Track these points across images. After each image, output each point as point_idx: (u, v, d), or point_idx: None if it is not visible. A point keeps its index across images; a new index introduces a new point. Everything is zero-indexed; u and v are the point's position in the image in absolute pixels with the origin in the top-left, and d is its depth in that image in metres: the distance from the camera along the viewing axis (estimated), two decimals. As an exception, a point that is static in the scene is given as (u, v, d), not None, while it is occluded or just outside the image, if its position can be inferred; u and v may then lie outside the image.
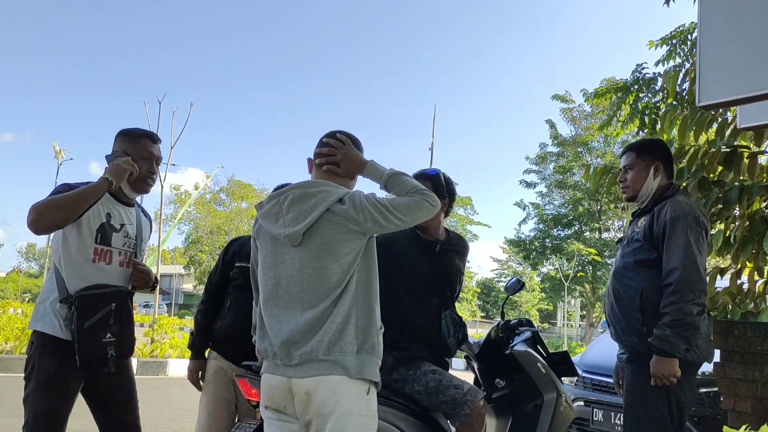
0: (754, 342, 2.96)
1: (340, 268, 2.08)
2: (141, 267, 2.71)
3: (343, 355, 2.01)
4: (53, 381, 2.42)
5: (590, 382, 5.12)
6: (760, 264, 3.73)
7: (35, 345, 2.48)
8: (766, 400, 2.90)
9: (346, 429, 1.99)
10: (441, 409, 2.76)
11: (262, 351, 2.16)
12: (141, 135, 2.69)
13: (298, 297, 2.08)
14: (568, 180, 28.14)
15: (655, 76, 4.51)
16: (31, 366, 2.45)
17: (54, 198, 2.36)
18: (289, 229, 2.11)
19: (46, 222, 2.33)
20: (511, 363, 3.14)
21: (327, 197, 2.12)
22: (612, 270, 3.04)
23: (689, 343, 2.60)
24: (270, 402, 2.12)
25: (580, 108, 28.20)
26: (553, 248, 28.48)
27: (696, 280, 2.61)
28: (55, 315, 2.46)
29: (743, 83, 2.63)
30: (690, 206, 2.77)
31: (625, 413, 2.85)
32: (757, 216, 3.55)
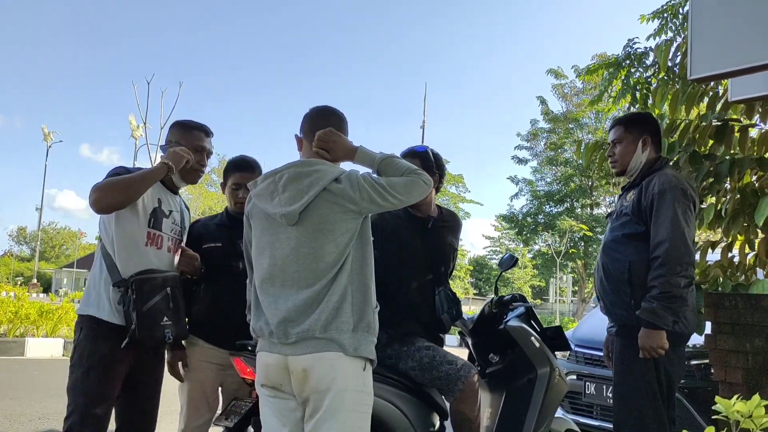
0: (744, 314, 2.99)
1: (337, 247, 2.09)
2: (189, 252, 2.80)
3: (339, 333, 2.04)
4: (106, 363, 2.44)
5: (582, 356, 5.18)
6: (750, 237, 3.75)
7: (85, 330, 2.48)
8: (756, 371, 2.94)
9: (343, 405, 2.02)
10: (435, 384, 2.78)
11: (257, 330, 2.17)
12: (194, 127, 2.76)
13: (294, 276, 2.09)
14: (559, 156, 28.16)
15: (646, 50, 4.48)
16: (81, 350, 2.46)
17: (116, 179, 2.42)
18: (285, 208, 2.11)
19: (108, 202, 2.39)
20: (505, 338, 3.15)
21: (323, 176, 2.12)
22: (601, 244, 3.06)
23: (677, 316, 2.62)
24: (266, 380, 2.13)
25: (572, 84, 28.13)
26: (545, 224, 28.59)
27: (683, 253, 2.62)
28: (108, 300, 2.47)
29: (734, 56, 2.63)
30: (678, 179, 2.77)
31: (615, 385, 2.89)
32: (748, 189, 3.57)
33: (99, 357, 2.43)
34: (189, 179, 2.76)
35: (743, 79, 3.07)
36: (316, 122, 2.32)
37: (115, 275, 2.48)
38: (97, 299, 2.49)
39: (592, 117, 27.00)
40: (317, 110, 2.37)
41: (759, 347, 2.93)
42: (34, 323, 10.42)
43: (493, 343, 3.17)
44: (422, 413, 2.79)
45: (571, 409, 5.15)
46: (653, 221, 2.72)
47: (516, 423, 3.01)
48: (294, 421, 2.11)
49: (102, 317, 2.46)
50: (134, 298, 2.42)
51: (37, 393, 6.48)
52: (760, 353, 2.93)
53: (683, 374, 2.89)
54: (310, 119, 2.35)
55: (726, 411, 1.47)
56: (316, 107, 2.38)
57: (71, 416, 2.39)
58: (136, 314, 2.41)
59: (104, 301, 2.47)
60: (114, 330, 2.45)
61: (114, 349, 2.44)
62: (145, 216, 2.56)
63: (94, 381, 2.41)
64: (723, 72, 2.72)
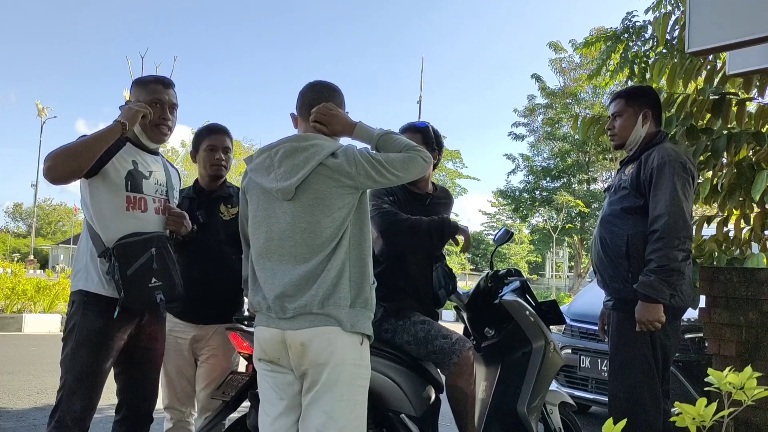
0: (739, 287, 3.00)
1: (333, 222, 2.09)
2: (175, 211, 2.66)
3: (336, 309, 2.05)
4: (96, 338, 2.37)
5: (578, 330, 5.22)
6: (746, 211, 3.76)
7: (76, 304, 2.41)
8: (750, 344, 2.96)
9: (341, 378, 2.04)
10: (431, 358, 2.80)
11: (255, 304, 2.18)
12: (151, 80, 2.62)
13: (291, 251, 2.09)
14: (556, 132, 28.08)
15: (645, 24, 4.45)
16: (72, 324, 2.39)
17: (66, 145, 2.29)
18: (281, 183, 2.10)
19: (61, 170, 2.25)
20: (500, 312, 3.16)
21: (319, 151, 2.10)
22: (599, 218, 3.06)
23: (674, 289, 2.63)
24: (264, 354, 2.15)
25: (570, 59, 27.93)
26: (543, 200, 28.61)
27: (681, 227, 2.63)
28: (96, 271, 2.40)
29: (732, 29, 2.60)
30: (677, 153, 2.76)
31: (611, 358, 2.90)
32: (744, 163, 3.56)
33: (89, 331, 2.36)
34: (155, 138, 2.60)
35: (741, 53, 3.05)
36: (312, 97, 2.29)
37: (99, 245, 2.40)
38: (85, 272, 2.43)
39: (590, 92, 26.87)
40: (312, 85, 2.33)
41: (753, 321, 2.95)
42: (31, 299, 10.45)
43: (488, 317, 3.19)
44: (417, 386, 2.81)
45: (566, 383, 5.21)
46: (652, 195, 2.72)
47: (511, 396, 3.04)
48: (292, 395, 2.13)
49: (90, 290, 2.40)
50: (118, 265, 2.34)
51: (35, 368, 6.52)
52: (754, 327, 2.94)
53: (678, 347, 2.91)
54: (306, 95, 2.31)
55: (718, 383, 1.48)
56: (311, 83, 2.35)
57: (61, 391, 2.37)
58: (122, 279, 2.34)
59: (92, 273, 2.41)
60: (105, 302, 2.38)
61: (106, 323, 2.38)
62: (121, 180, 2.43)
63: (83, 356, 2.35)
64: (721, 45, 2.69)
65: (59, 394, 2.37)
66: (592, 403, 5.33)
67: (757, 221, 3.69)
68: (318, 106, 2.24)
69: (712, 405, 1.41)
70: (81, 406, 2.35)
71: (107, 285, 2.39)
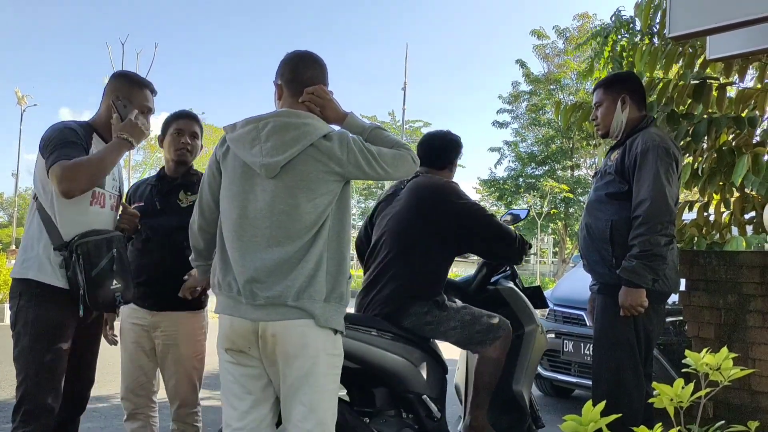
0: (718, 270, 3.04)
1: (314, 209, 2.00)
2: (130, 209, 2.66)
3: (311, 303, 1.97)
4: (54, 331, 2.31)
5: (561, 315, 5.26)
6: (726, 196, 3.80)
7: (26, 295, 2.32)
8: (728, 326, 3.00)
9: (316, 369, 1.98)
10: (472, 338, 2.82)
11: (224, 285, 2.05)
12: (144, 85, 2.59)
13: (265, 232, 2.00)
14: (540, 118, 28.14)
15: (632, 18, 4.46)
16: (24, 318, 2.31)
17: (84, 165, 2.26)
18: (266, 158, 2.00)
19: (79, 189, 2.26)
20: (495, 298, 3.24)
21: (312, 131, 2.02)
22: (585, 204, 3.08)
23: (656, 274, 2.66)
24: (230, 344, 2.04)
25: (553, 45, 27.97)
26: (527, 186, 28.70)
27: (664, 211, 2.64)
28: (49, 263, 2.33)
29: (713, 13, 2.61)
30: (661, 138, 2.78)
31: (595, 341, 2.94)
32: (725, 148, 3.59)
33: (45, 323, 2.30)
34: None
35: (721, 37, 3.07)
36: (301, 70, 2.18)
37: (56, 238, 2.33)
38: (37, 262, 2.34)
39: (573, 78, 26.94)
40: (300, 56, 2.21)
41: (731, 303, 2.99)
42: (13, 290, 10.36)
43: (482, 303, 3.22)
44: (433, 368, 2.84)
45: (549, 367, 5.25)
46: (635, 180, 2.74)
47: (507, 377, 3.09)
48: (259, 388, 2.06)
49: (43, 280, 2.32)
50: (80, 263, 2.29)
51: (18, 359, 6.47)
52: (733, 309, 2.99)
53: (662, 332, 2.94)
54: (297, 68, 2.19)
55: (695, 364, 1.50)
56: (300, 53, 2.22)
57: (23, 385, 2.29)
58: (85, 279, 2.29)
59: (45, 263, 2.33)
60: (57, 293, 2.32)
61: (62, 314, 2.33)
62: None
63: (43, 348, 2.29)
64: (701, 30, 2.70)
65: (21, 388, 2.29)
66: (575, 387, 5.39)
67: (736, 205, 3.73)
68: (313, 87, 2.16)
69: (689, 386, 1.43)
70: (49, 396, 2.30)
71: (61, 277, 2.33)
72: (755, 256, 2.96)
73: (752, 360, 2.89)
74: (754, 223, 3.72)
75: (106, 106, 2.52)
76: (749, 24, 2.57)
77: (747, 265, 2.95)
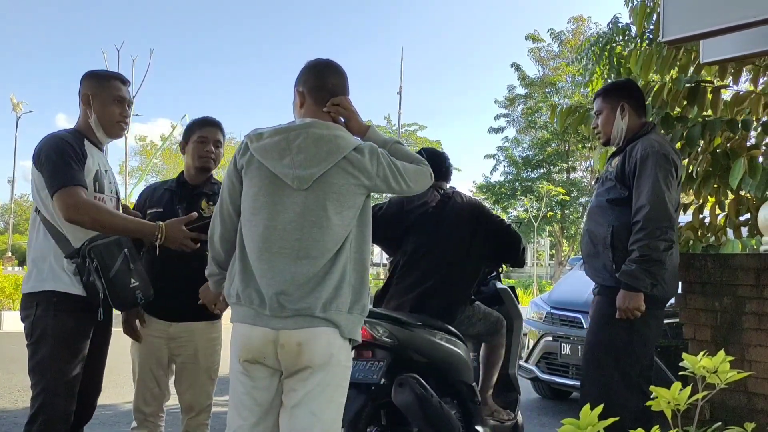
0: (714, 273, 3.05)
1: (342, 221, 2.01)
2: (132, 211, 2.64)
3: (337, 314, 1.98)
4: (72, 338, 2.32)
5: (558, 318, 5.28)
6: (721, 198, 3.81)
7: (43, 306, 2.31)
8: (724, 328, 3.01)
9: (334, 380, 2.01)
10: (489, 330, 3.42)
11: (244, 297, 2.01)
12: (110, 77, 2.56)
13: (295, 245, 1.98)
14: (537, 121, 28.22)
15: (628, 25, 4.48)
16: (42, 328, 2.29)
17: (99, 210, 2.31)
18: (299, 170, 1.99)
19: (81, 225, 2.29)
20: (493, 296, 3.71)
21: (344, 144, 2.03)
22: (587, 210, 3.11)
23: (655, 279, 2.67)
24: (246, 353, 2.02)
25: (548, 48, 28.08)
26: (523, 190, 28.76)
27: (663, 217, 2.66)
28: (64, 272, 2.34)
29: (706, 17, 2.63)
30: (661, 144, 2.80)
31: (586, 340, 2.96)
32: (719, 151, 3.61)
33: (64, 332, 2.30)
34: (114, 134, 2.57)
35: (715, 41, 3.09)
36: (326, 78, 2.17)
37: (65, 246, 2.34)
38: (51, 273, 2.34)
39: (569, 80, 27.03)
40: (325, 64, 2.21)
41: (727, 305, 3.00)
42: (9, 296, 10.34)
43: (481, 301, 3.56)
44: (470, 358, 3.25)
45: (547, 369, 5.26)
46: (635, 186, 2.76)
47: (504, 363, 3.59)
48: (268, 400, 2.06)
49: (60, 290, 2.33)
50: (96, 266, 2.29)
51: (15, 366, 6.45)
52: (728, 311, 3.00)
53: (659, 337, 2.95)
54: (318, 73, 2.18)
55: (692, 367, 1.51)
56: (320, 60, 2.22)
57: (41, 395, 2.28)
58: (105, 282, 2.30)
59: (60, 273, 2.34)
60: (75, 301, 2.33)
61: (79, 322, 2.34)
62: (90, 182, 2.39)
63: (63, 358, 2.29)
64: (695, 33, 2.73)
65: (39, 398, 2.28)
66: (573, 389, 5.40)
67: (731, 208, 3.75)
68: (339, 98, 2.16)
69: (686, 389, 1.44)
70: (67, 405, 2.30)
71: (77, 284, 2.34)
72: (750, 259, 2.98)
73: (748, 362, 2.90)
74: (749, 225, 3.73)
75: (83, 108, 2.51)
76: (742, 28, 2.59)
77: (742, 268, 2.97)
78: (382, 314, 2.97)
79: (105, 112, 2.49)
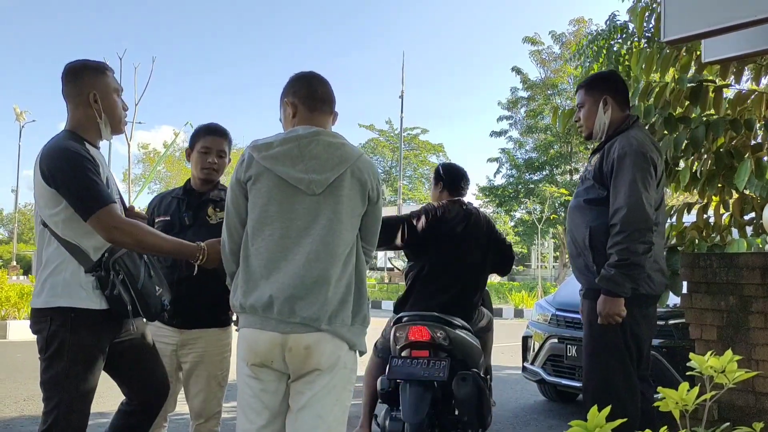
0: (719, 272, 3.04)
1: (351, 226, 2.08)
2: (137, 212, 2.55)
3: (342, 327, 2.04)
4: (90, 356, 2.26)
5: (563, 320, 5.26)
6: (725, 197, 3.80)
7: (58, 321, 2.21)
8: (730, 328, 3.00)
9: (340, 383, 2.06)
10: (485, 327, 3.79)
11: (248, 306, 2.04)
12: (105, 68, 2.43)
13: (307, 248, 2.01)
14: (539, 123, 28.23)
15: (625, 23, 4.49)
16: (59, 343, 2.21)
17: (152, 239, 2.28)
18: (313, 175, 2.03)
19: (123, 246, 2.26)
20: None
21: (351, 151, 2.11)
22: (567, 210, 3.08)
23: (636, 282, 2.63)
24: (254, 357, 2.04)
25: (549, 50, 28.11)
26: (527, 192, 28.76)
27: (641, 219, 2.61)
28: (81, 287, 2.24)
29: (707, 17, 2.63)
30: (639, 142, 2.73)
31: (584, 348, 2.92)
32: (723, 150, 3.61)
33: (83, 349, 2.24)
34: (120, 130, 2.48)
35: (716, 40, 3.09)
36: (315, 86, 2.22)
37: (85, 261, 2.25)
38: (67, 288, 2.24)
39: (571, 82, 27.04)
40: (311, 74, 2.26)
41: (733, 305, 2.99)
42: (15, 306, 10.34)
43: None
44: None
45: (553, 372, 5.24)
46: (612, 187, 2.71)
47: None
48: (276, 403, 2.08)
49: (77, 305, 2.24)
50: (123, 279, 2.25)
51: (21, 375, 6.46)
52: (734, 311, 2.99)
53: (653, 334, 2.92)
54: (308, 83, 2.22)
55: (700, 367, 1.50)
56: (305, 72, 2.26)
57: (55, 411, 2.22)
58: (134, 294, 2.27)
59: (76, 288, 2.24)
60: (93, 315, 2.25)
61: (97, 337, 2.28)
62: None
63: (79, 373, 2.23)
64: (696, 33, 2.73)
65: (53, 414, 2.22)
66: (579, 391, 5.38)
67: (736, 207, 3.74)
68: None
69: (694, 389, 1.43)
70: (81, 421, 2.27)
71: (96, 299, 2.26)
72: (755, 258, 2.97)
73: (755, 361, 2.89)
74: (754, 224, 3.72)
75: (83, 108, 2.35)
76: (743, 27, 2.59)
77: (747, 267, 2.96)
78: (434, 317, 3.37)
79: (112, 109, 2.39)
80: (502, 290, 23.11)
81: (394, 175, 44.22)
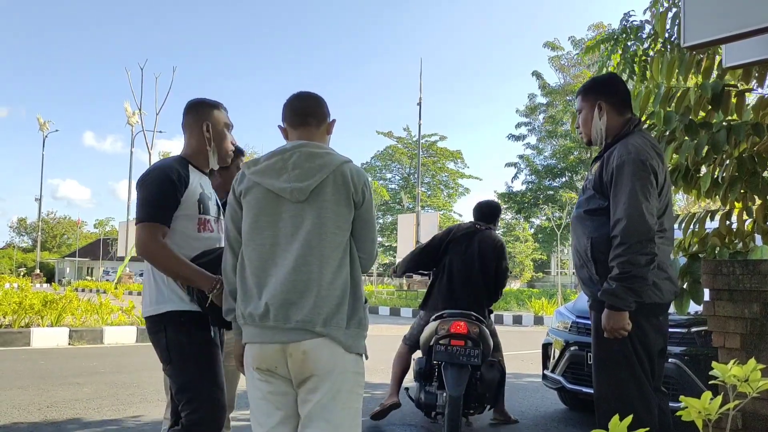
0: (742, 280, 3.00)
1: (338, 230, 2.13)
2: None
3: (337, 330, 2.07)
4: (207, 350, 2.46)
5: (584, 327, 5.20)
6: (748, 203, 3.76)
7: (173, 325, 2.45)
8: (754, 336, 2.96)
9: (344, 387, 2.07)
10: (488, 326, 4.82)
11: (246, 317, 2.11)
12: (218, 104, 2.71)
13: (295, 253, 2.08)
14: (558, 129, 28.11)
15: (642, 23, 4.46)
16: (180, 346, 2.43)
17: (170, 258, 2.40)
18: (295, 183, 2.12)
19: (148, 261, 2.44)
20: None
21: (334, 158, 2.17)
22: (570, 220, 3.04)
23: (638, 295, 2.57)
24: (260, 363, 2.11)
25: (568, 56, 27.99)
26: (546, 199, 28.63)
27: (642, 230, 2.55)
28: (183, 292, 2.46)
29: (727, 22, 2.62)
30: (637, 149, 2.66)
31: (594, 359, 2.88)
32: (745, 155, 3.56)
33: (200, 344, 2.46)
34: (225, 162, 2.75)
35: (737, 45, 3.06)
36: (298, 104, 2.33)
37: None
38: (172, 294, 2.47)
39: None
40: (296, 95, 2.36)
41: (756, 312, 2.95)
42: (38, 313, 10.46)
43: None
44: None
45: (573, 380, 5.19)
46: (612, 197, 2.65)
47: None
48: (289, 404, 2.12)
49: (185, 308, 2.45)
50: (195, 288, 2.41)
51: (44, 382, 6.54)
52: (758, 318, 2.94)
53: (665, 343, 2.86)
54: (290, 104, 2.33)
55: (723, 376, 1.48)
56: (293, 94, 2.36)
57: (198, 412, 2.37)
58: (210, 302, 2.39)
59: (180, 293, 2.46)
60: (198, 317, 2.45)
61: (208, 333, 2.48)
62: (194, 204, 2.53)
63: (208, 366, 2.44)
64: (716, 38, 2.71)
65: (196, 414, 2.38)
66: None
67: (759, 213, 3.69)
68: None
69: (717, 398, 1.41)
70: (221, 415, 2.45)
71: (190, 302, 2.46)
72: (780, 265, 2.92)
73: (780, 370, 2.84)
74: (778, 231, 3.67)
75: (196, 137, 2.63)
76: (763, 32, 2.57)
77: (771, 274, 2.91)
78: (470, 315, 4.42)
79: (221, 139, 2.66)
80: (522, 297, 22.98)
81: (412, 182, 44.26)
